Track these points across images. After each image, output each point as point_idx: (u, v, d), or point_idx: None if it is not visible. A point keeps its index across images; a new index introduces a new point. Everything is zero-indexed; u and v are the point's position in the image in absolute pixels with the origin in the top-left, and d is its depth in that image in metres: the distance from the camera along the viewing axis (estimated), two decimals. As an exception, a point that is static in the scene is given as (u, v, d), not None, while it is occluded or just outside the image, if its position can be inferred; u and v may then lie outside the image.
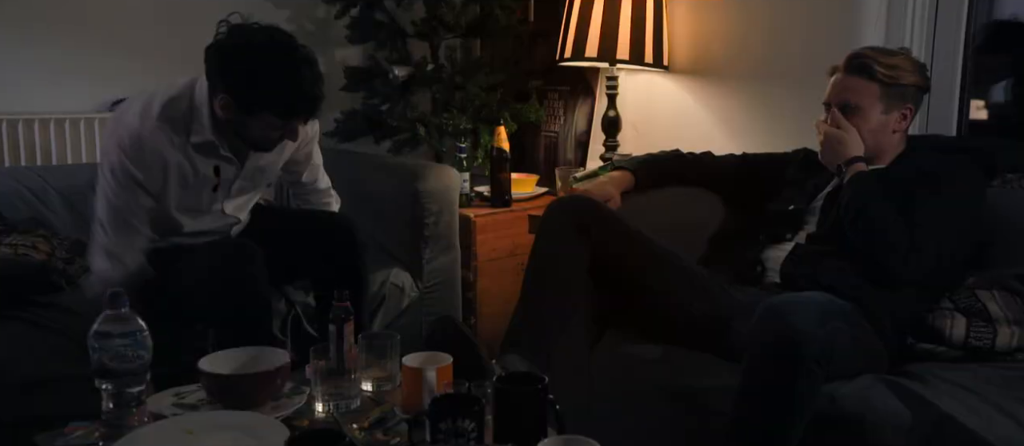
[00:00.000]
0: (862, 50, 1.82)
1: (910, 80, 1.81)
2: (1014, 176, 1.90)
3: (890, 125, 1.82)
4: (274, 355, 1.47)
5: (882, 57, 1.79)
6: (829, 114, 1.84)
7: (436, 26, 2.88)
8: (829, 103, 1.85)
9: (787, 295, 1.53)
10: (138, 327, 1.30)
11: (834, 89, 1.84)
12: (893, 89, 1.79)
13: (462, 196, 2.71)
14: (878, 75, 1.78)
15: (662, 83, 2.73)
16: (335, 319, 1.51)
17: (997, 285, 1.72)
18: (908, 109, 1.83)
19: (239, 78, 1.72)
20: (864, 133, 1.81)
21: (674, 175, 2.12)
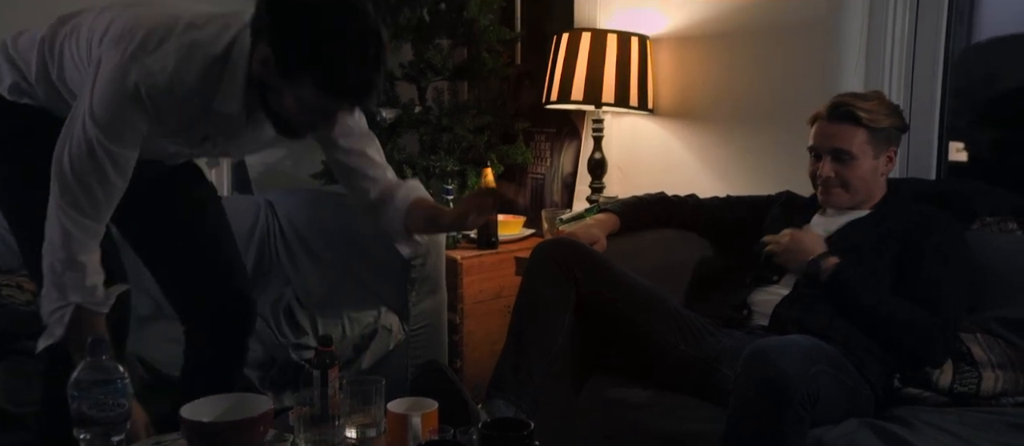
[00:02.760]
0: (842, 97, 1.84)
1: (889, 122, 1.84)
2: (993, 220, 1.93)
3: (879, 169, 1.85)
4: (256, 402, 1.45)
5: (861, 102, 1.82)
6: (819, 163, 1.85)
7: (424, 69, 2.91)
8: (816, 150, 1.86)
9: (773, 338, 1.54)
10: (119, 375, 1.27)
11: (821, 136, 1.85)
12: (878, 133, 1.82)
13: (448, 238, 2.71)
14: (863, 120, 1.80)
15: (647, 126, 2.76)
16: (319, 364, 1.49)
17: (979, 328, 1.74)
18: (892, 151, 1.86)
19: (288, 28, 1.42)
20: (857, 180, 1.83)
21: (659, 217, 2.13)
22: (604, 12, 2.81)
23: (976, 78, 2.34)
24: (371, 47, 1.43)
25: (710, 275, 2.11)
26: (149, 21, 1.49)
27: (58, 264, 1.48)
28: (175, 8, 1.55)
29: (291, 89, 1.44)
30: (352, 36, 1.41)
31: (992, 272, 1.82)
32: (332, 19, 1.40)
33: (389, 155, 2.92)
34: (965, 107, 2.34)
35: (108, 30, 1.51)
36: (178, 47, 1.46)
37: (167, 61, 1.45)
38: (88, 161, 1.47)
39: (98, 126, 1.46)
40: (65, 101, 1.61)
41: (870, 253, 1.77)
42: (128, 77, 1.44)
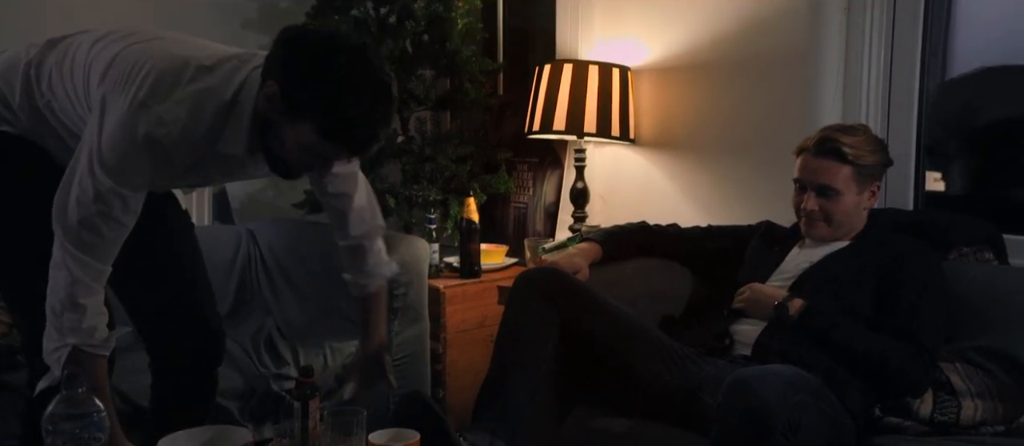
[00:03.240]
0: (829, 132, 1.85)
1: (875, 159, 1.86)
2: (969, 249, 1.95)
3: (862, 204, 1.87)
4: (235, 434, 1.44)
5: (848, 137, 1.83)
6: (804, 195, 1.87)
7: (406, 99, 2.92)
8: (801, 182, 1.88)
9: (754, 368, 1.54)
10: (94, 408, 1.26)
11: (807, 170, 1.86)
12: (863, 169, 1.84)
13: (431, 267, 2.71)
14: (849, 157, 1.81)
15: (629, 156, 2.78)
16: (300, 395, 1.49)
17: (958, 358, 1.76)
18: (876, 186, 1.89)
19: (300, 67, 1.41)
20: (840, 214, 1.85)
21: (642, 247, 2.14)
22: (586, 43, 2.84)
23: (952, 109, 2.38)
24: (380, 102, 1.43)
25: (692, 304, 2.12)
26: (158, 63, 1.45)
27: (58, 305, 1.45)
28: (180, 46, 1.52)
29: (293, 129, 1.43)
30: (361, 87, 1.40)
31: (969, 302, 1.84)
32: (345, 67, 1.40)
33: (371, 184, 2.92)
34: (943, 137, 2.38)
35: (110, 68, 1.47)
36: (189, 96, 1.43)
37: (179, 111, 1.42)
38: (96, 205, 1.43)
39: (108, 173, 1.42)
40: (50, 129, 1.58)
41: (849, 284, 1.79)
42: (138, 127, 1.40)
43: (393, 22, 2.85)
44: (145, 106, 1.40)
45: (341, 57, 1.40)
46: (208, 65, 1.47)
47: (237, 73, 1.47)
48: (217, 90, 1.46)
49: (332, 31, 1.49)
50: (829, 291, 1.78)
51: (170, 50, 1.49)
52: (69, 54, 1.55)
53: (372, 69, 1.42)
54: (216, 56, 1.49)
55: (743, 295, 1.85)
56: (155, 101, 1.41)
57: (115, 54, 1.48)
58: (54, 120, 1.58)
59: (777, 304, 1.77)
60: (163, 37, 1.58)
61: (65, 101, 1.55)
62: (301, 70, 1.41)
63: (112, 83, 1.44)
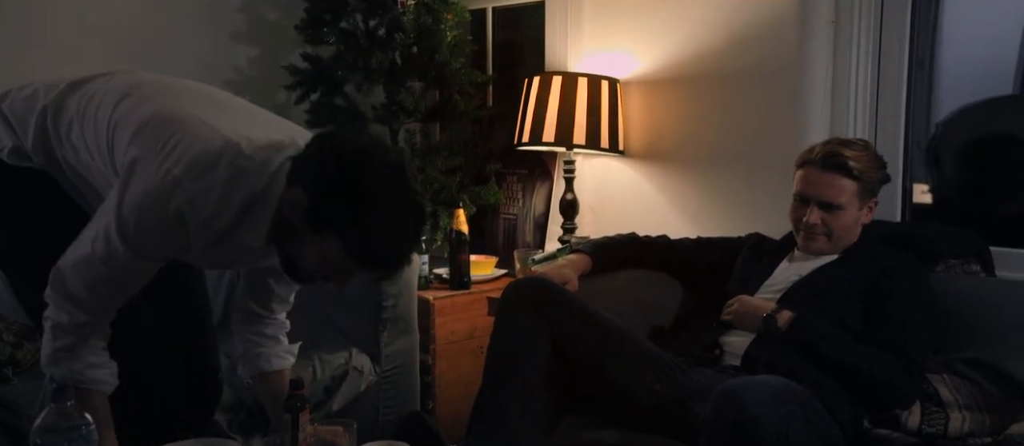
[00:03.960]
0: (835, 147, 1.85)
1: (877, 175, 1.87)
2: (957, 262, 1.96)
3: (861, 219, 1.88)
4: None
5: (853, 152, 1.83)
6: (805, 208, 1.86)
7: (396, 111, 2.92)
8: (804, 196, 1.86)
9: (743, 379, 1.55)
10: (83, 421, 1.25)
11: (811, 184, 1.85)
12: (866, 185, 1.84)
13: (421, 278, 2.70)
14: (855, 172, 1.81)
15: (618, 167, 2.79)
16: (290, 407, 1.48)
17: (946, 369, 1.77)
18: (873, 202, 1.89)
19: (331, 181, 1.33)
20: (840, 229, 1.85)
21: (631, 258, 2.15)
22: (575, 55, 2.85)
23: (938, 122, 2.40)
24: (413, 226, 1.39)
25: (681, 315, 2.12)
26: (196, 140, 1.37)
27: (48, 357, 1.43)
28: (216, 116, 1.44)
29: (316, 241, 1.36)
30: (396, 210, 1.35)
31: (957, 314, 1.85)
32: (381, 189, 1.33)
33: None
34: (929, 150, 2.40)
35: (143, 131, 1.40)
36: (222, 182, 1.36)
37: (210, 196, 1.36)
38: (106, 269, 1.39)
39: (125, 240, 1.37)
40: (65, 177, 1.54)
41: (838, 297, 1.79)
42: (172, 201, 1.35)
43: (382, 34, 2.85)
44: (179, 184, 1.34)
45: (377, 177, 1.33)
46: (247, 153, 1.38)
47: (272, 161, 1.40)
48: (250, 177, 1.38)
49: (369, 144, 1.41)
50: (818, 304, 1.79)
51: (208, 123, 1.41)
52: (92, 105, 1.48)
53: (408, 191, 1.37)
54: (256, 144, 1.40)
55: (732, 307, 1.86)
56: (190, 180, 1.34)
57: (148, 117, 1.41)
58: (71, 172, 1.53)
59: (765, 316, 1.77)
60: (191, 95, 1.51)
61: (85, 155, 1.49)
62: (334, 186, 1.33)
63: (145, 149, 1.38)
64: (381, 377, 2.46)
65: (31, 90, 1.56)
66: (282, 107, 3.16)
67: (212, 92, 1.59)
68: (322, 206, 1.33)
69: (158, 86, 1.52)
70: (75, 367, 1.42)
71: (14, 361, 2.04)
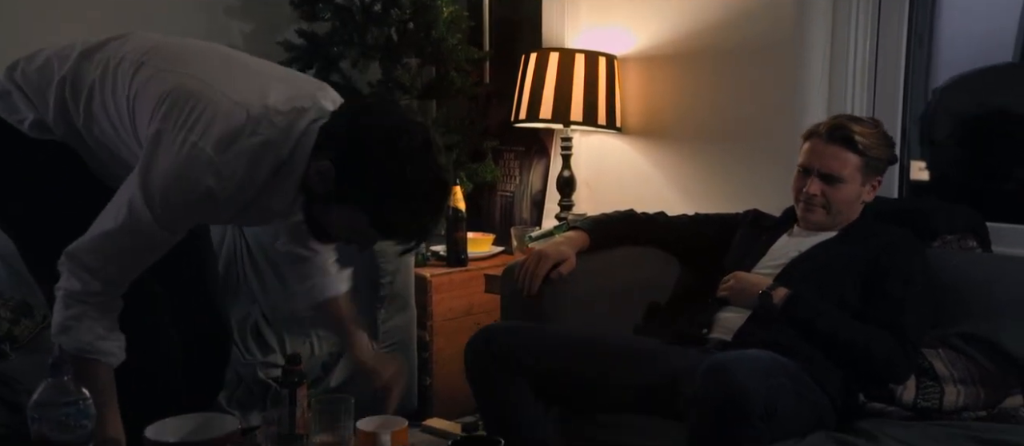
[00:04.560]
0: (843, 120, 1.85)
1: (883, 153, 1.86)
2: (953, 237, 1.97)
3: (862, 196, 1.88)
4: (222, 421, 1.42)
5: (860, 128, 1.82)
6: (807, 179, 1.86)
7: (392, 87, 2.91)
8: (807, 167, 1.86)
9: (731, 353, 1.55)
10: (80, 395, 1.24)
11: (815, 155, 1.85)
12: (871, 162, 1.84)
13: (418, 256, 2.70)
14: (859, 146, 1.81)
15: (615, 144, 2.79)
16: (287, 383, 1.48)
17: (942, 344, 1.77)
18: (877, 180, 1.89)
19: (359, 154, 1.36)
20: (839, 203, 1.85)
21: (628, 235, 2.15)
22: (572, 32, 2.83)
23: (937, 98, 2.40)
24: (436, 199, 1.40)
25: (678, 292, 2.12)
26: (219, 110, 1.38)
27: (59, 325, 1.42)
28: (236, 81, 1.44)
29: (342, 210, 1.40)
30: (423, 187, 1.37)
31: (953, 289, 1.85)
32: (410, 165, 1.35)
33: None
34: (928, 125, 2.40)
35: (164, 104, 1.39)
36: (249, 149, 1.38)
37: (237, 165, 1.38)
38: (130, 240, 1.40)
39: (155, 215, 1.37)
40: (88, 149, 1.53)
41: (836, 274, 1.79)
42: (201, 176, 1.36)
43: (378, 10, 2.83)
44: (209, 161, 1.35)
45: (403, 155, 1.35)
46: (270, 117, 1.40)
47: (295, 126, 1.42)
48: (276, 145, 1.41)
49: (398, 119, 1.41)
50: (816, 280, 1.79)
51: (227, 93, 1.41)
52: (108, 75, 1.47)
53: (433, 167, 1.37)
54: (277, 106, 1.41)
55: (728, 283, 1.86)
56: (218, 154, 1.36)
57: (169, 89, 1.41)
58: (94, 143, 1.52)
59: (761, 292, 1.78)
60: (207, 59, 1.50)
61: (107, 126, 1.48)
62: (360, 161, 1.36)
63: (167, 122, 1.38)
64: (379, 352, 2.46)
65: (43, 59, 1.54)
66: (278, 84, 3.15)
67: (227, 54, 1.58)
68: (349, 180, 1.36)
69: (173, 52, 1.50)
70: (84, 338, 1.41)
71: (11, 337, 2.04)
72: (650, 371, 1.72)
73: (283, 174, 1.43)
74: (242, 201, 1.45)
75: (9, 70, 1.57)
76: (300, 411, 1.47)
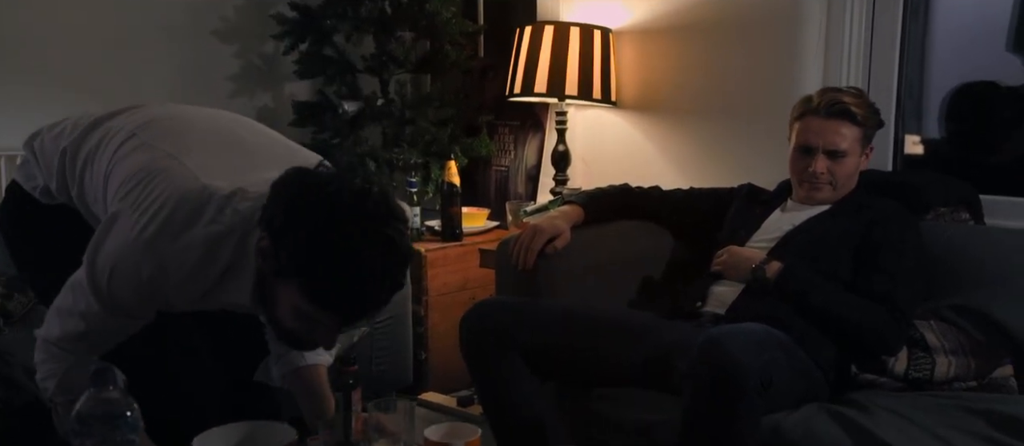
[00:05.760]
0: (835, 94, 1.84)
1: (876, 121, 1.87)
2: (946, 210, 1.97)
3: (860, 166, 1.88)
4: (277, 431, 1.29)
5: (852, 99, 1.82)
6: (808, 158, 1.84)
7: (386, 61, 2.89)
8: (809, 146, 1.84)
9: (726, 326, 1.55)
10: (128, 406, 1.12)
11: (815, 132, 1.83)
12: (867, 132, 1.85)
13: (412, 230, 2.70)
14: (858, 118, 1.81)
15: (610, 118, 2.78)
16: (341, 386, 1.35)
17: (933, 316, 1.78)
18: (871, 149, 1.90)
19: (288, 219, 1.22)
20: (844, 177, 1.85)
21: (623, 209, 2.15)
22: (567, 5, 2.82)
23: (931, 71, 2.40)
24: (378, 265, 1.21)
25: (672, 266, 2.13)
26: (175, 194, 1.29)
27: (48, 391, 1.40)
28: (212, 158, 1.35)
29: (282, 289, 1.25)
30: (357, 250, 1.20)
31: (945, 261, 1.86)
32: (339, 227, 1.20)
33: (351, 148, 2.91)
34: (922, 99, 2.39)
35: (127, 184, 1.32)
36: (202, 241, 1.27)
37: (187, 257, 1.27)
38: (83, 323, 1.34)
39: (99, 299, 1.31)
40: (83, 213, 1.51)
41: (831, 247, 1.80)
42: (143, 267, 1.28)
43: (372, -17, 2.81)
44: (152, 247, 1.27)
45: (335, 214, 1.20)
46: (234, 207, 1.29)
47: (256, 215, 1.27)
48: (235, 234, 1.29)
49: (335, 177, 1.26)
50: (810, 254, 1.80)
51: (200, 175, 1.31)
52: (101, 147, 1.42)
53: (376, 228, 1.21)
54: (249, 192, 1.30)
55: (721, 257, 1.86)
56: (163, 242, 1.27)
57: (137, 168, 1.34)
58: (87, 213, 1.49)
59: (754, 266, 1.78)
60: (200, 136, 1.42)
61: (92, 198, 1.45)
62: (290, 226, 1.21)
63: (126, 203, 1.31)
64: (373, 329, 2.47)
65: (59, 129, 1.54)
66: (270, 58, 3.13)
67: (230, 130, 1.49)
68: (280, 249, 1.22)
69: (166, 127, 1.43)
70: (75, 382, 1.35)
71: (5, 312, 2.04)
72: (644, 345, 1.73)
73: (241, 265, 1.30)
74: (199, 291, 1.34)
75: (30, 139, 1.59)
76: (355, 417, 1.35)
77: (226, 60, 3.05)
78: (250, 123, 1.58)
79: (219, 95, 3.01)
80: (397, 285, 1.24)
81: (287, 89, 3.18)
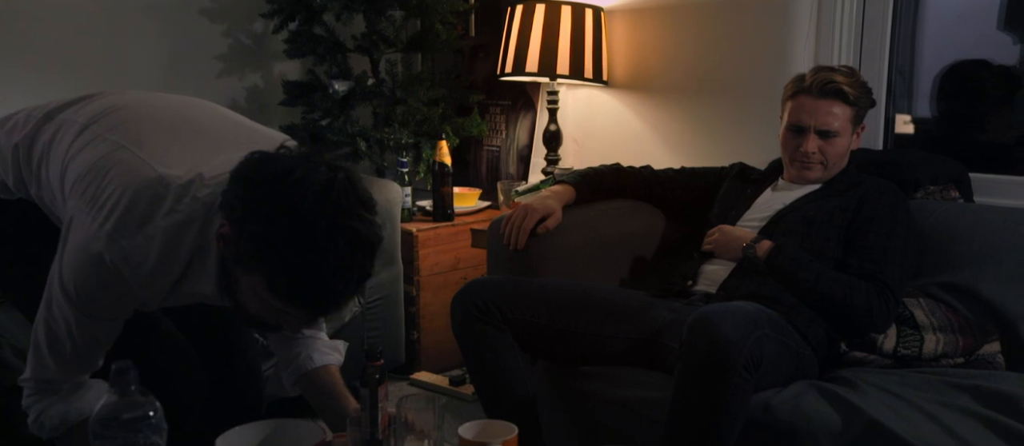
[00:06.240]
0: (828, 74, 1.83)
1: (868, 100, 1.86)
2: (936, 188, 1.98)
3: (852, 145, 1.88)
4: (304, 430, 1.23)
5: (845, 78, 1.82)
6: (800, 138, 1.84)
7: (376, 41, 2.88)
8: (800, 125, 1.84)
9: (716, 305, 1.56)
10: (152, 408, 1.07)
11: (807, 112, 1.83)
12: (859, 111, 1.84)
13: (404, 211, 2.70)
14: (851, 98, 1.81)
15: (602, 98, 2.77)
16: (368, 381, 1.29)
17: (922, 293, 1.80)
18: (862, 128, 1.90)
19: (249, 207, 1.16)
20: (835, 156, 1.85)
21: (614, 188, 2.15)
22: (558, -16, 2.80)
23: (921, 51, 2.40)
24: (344, 253, 1.16)
25: (664, 245, 2.14)
26: (131, 186, 1.25)
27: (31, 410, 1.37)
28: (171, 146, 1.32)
29: (246, 279, 1.20)
30: (319, 239, 1.14)
31: (934, 239, 1.87)
32: (301, 214, 1.14)
33: (342, 128, 2.90)
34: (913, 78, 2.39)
35: (82, 180, 1.29)
36: (161, 232, 1.24)
37: (148, 249, 1.23)
38: (64, 331, 1.30)
39: (71, 302, 1.28)
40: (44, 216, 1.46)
41: (822, 225, 1.80)
42: (103, 257, 1.24)
43: (362, -39, 2.79)
44: (111, 240, 1.23)
45: (297, 201, 1.14)
46: (193, 194, 1.25)
47: (219, 198, 1.23)
48: (197, 222, 1.25)
49: (298, 162, 1.19)
50: (801, 232, 1.80)
51: (156, 165, 1.27)
52: (56, 141, 1.37)
53: (346, 215, 1.16)
54: (208, 178, 1.26)
55: (713, 236, 1.87)
56: (123, 235, 1.23)
57: (93, 163, 1.30)
58: (46, 210, 1.44)
59: (745, 245, 1.79)
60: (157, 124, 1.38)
61: (49, 194, 1.40)
62: (251, 213, 1.16)
63: (82, 201, 1.28)
64: (365, 308, 2.47)
65: (12, 123, 1.47)
66: (260, 36, 3.11)
67: (187, 115, 1.45)
68: (241, 239, 1.17)
69: (122, 116, 1.38)
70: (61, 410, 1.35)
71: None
72: (635, 323, 1.73)
73: (204, 253, 1.27)
74: (165, 286, 1.30)
75: None
76: (382, 413, 1.28)
77: (215, 40, 3.03)
78: (210, 106, 1.53)
79: (208, 75, 2.99)
80: (365, 276, 1.19)
81: (277, 69, 3.16)
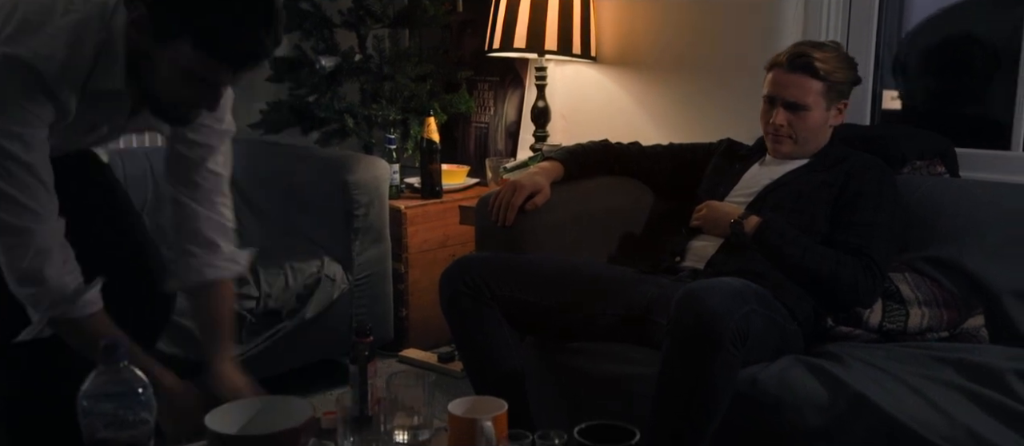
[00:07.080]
0: (802, 47, 1.84)
1: (845, 75, 1.85)
2: (922, 163, 1.99)
3: (829, 121, 1.88)
4: (291, 406, 1.23)
5: (820, 53, 1.82)
6: (774, 110, 1.85)
7: (363, 16, 2.85)
8: (772, 98, 1.86)
9: (704, 281, 1.57)
10: (140, 384, 1.06)
11: (777, 85, 1.85)
12: (833, 86, 1.83)
13: (392, 187, 2.70)
14: (820, 72, 1.80)
15: (590, 74, 2.77)
16: (357, 358, 1.31)
17: (908, 268, 1.81)
18: (843, 104, 1.89)
19: None
20: (806, 131, 1.85)
21: (603, 165, 2.15)
22: (547, -42, 2.78)
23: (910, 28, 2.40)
24: (262, 11, 1.28)
25: (652, 221, 2.14)
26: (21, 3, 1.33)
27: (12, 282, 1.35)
28: None
29: (167, 54, 1.29)
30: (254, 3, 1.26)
31: (920, 214, 1.88)
32: None
33: (329, 104, 2.88)
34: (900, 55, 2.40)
35: None
36: (64, 29, 1.31)
37: (56, 43, 1.30)
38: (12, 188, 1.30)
39: None
40: None
41: (808, 201, 1.81)
42: (20, 57, 1.28)
43: (348, -65, 2.76)
44: (16, 41, 1.29)
45: None
46: (77, 4, 1.33)
47: (108, 4, 1.34)
48: (94, 21, 1.33)
49: None
50: (788, 208, 1.81)
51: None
52: None
53: None
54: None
55: (700, 212, 1.87)
56: (25, 36, 1.30)
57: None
58: None
59: (733, 221, 1.79)
60: None
61: None
62: None
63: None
64: (353, 285, 2.47)
65: None
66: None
67: None
68: (162, 10, 1.27)
69: None
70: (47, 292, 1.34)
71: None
72: (623, 299, 1.74)
73: (108, 48, 1.34)
74: (77, 81, 1.34)
75: None
76: (371, 389, 1.29)
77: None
78: None
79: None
80: (274, 27, 1.29)
81: (263, 45, 3.13)
